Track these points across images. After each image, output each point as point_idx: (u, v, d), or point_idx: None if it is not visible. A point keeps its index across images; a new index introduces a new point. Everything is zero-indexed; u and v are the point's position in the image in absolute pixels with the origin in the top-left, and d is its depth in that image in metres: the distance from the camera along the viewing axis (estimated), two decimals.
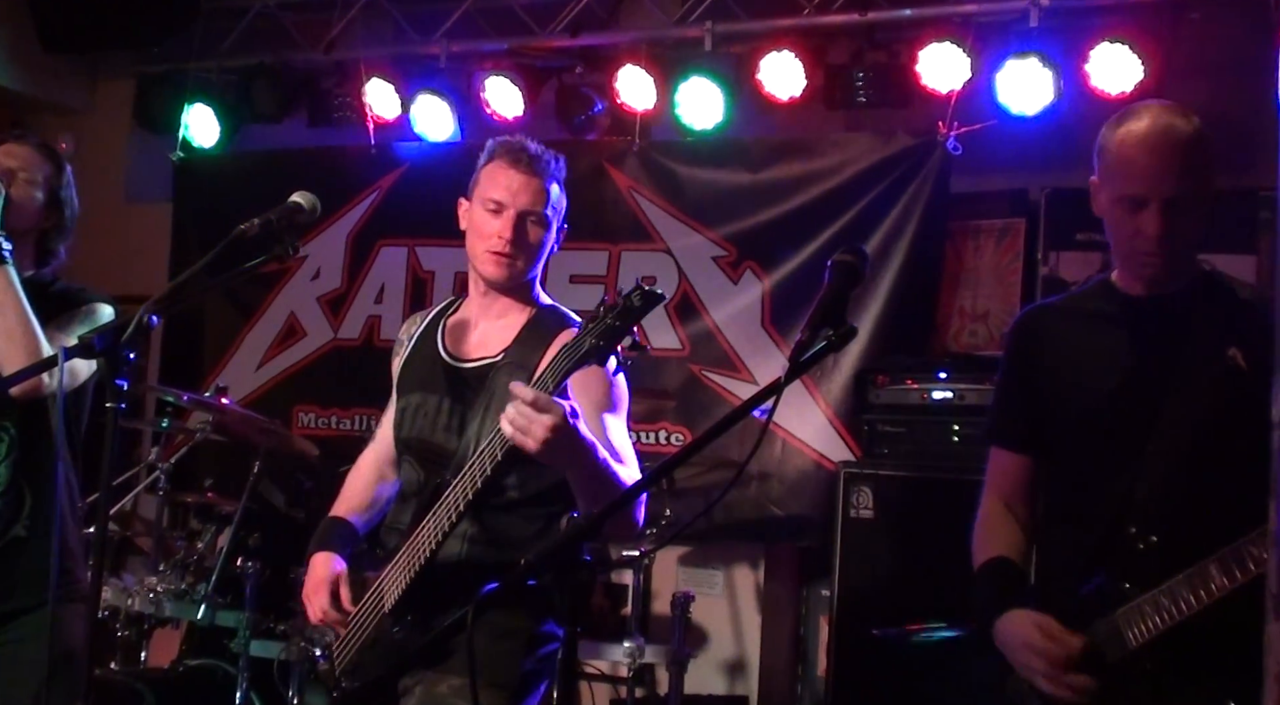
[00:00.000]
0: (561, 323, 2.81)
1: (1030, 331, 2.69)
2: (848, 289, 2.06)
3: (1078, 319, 2.62)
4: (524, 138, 2.86)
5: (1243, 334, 2.42)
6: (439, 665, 2.61)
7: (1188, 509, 2.38)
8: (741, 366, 5.59)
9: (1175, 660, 2.34)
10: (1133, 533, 2.41)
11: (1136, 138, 2.42)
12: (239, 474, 4.93)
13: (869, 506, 4.80)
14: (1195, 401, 2.41)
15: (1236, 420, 2.36)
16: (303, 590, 2.87)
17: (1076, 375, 2.56)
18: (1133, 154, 2.42)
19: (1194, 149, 2.41)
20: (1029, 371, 2.66)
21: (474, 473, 2.49)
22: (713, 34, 5.56)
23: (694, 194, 5.77)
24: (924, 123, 5.35)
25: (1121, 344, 2.52)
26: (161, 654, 5.08)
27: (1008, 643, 2.46)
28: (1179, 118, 2.43)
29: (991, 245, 5.50)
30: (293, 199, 2.62)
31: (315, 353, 6.37)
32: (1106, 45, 4.86)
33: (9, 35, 6.42)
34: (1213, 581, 2.25)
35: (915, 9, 5.30)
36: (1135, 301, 2.53)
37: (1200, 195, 2.42)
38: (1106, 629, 2.39)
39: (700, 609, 5.17)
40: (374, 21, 6.27)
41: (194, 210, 6.57)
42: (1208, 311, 2.47)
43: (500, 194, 2.76)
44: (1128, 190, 2.42)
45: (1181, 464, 2.40)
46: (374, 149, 6.22)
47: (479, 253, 2.79)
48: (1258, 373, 2.33)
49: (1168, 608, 2.31)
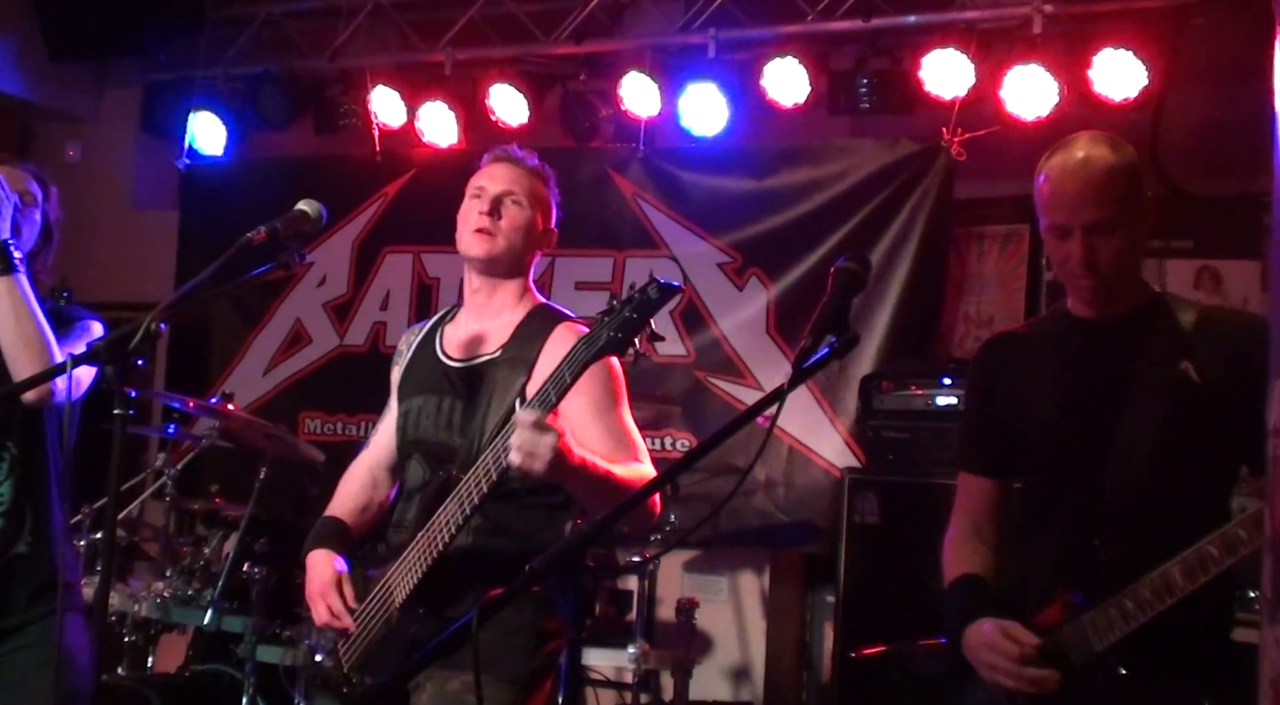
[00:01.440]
0: (556, 318, 2.86)
1: (990, 360, 2.79)
2: (850, 296, 2.09)
3: (1035, 344, 2.71)
4: (516, 147, 2.99)
5: (1194, 349, 2.49)
6: (450, 662, 2.63)
7: (1148, 518, 2.44)
8: (747, 373, 5.59)
9: (1146, 662, 2.39)
10: (1096, 544, 2.48)
11: (1058, 170, 2.54)
12: (245, 480, 4.94)
13: (874, 512, 4.80)
14: (1150, 414, 2.48)
15: (1191, 430, 2.46)
16: (306, 591, 2.89)
17: (1035, 397, 2.64)
18: (1055, 185, 2.53)
19: (1115, 177, 2.50)
20: (990, 397, 2.75)
21: (488, 466, 2.52)
22: (716, 41, 5.57)
23: (698, 200, 5.79)
24: (928, 129, 5.36)
25: (1077, 364, 2.61)
26: (168, 659, 5.09)
27: (972, 648, 2.53)
28: (1104, 147, 2.54)
29: (996, 251, 5.51)
30: (298, 207, 2.64)
31: (321, 359, 6.40)
32: (1110, 51, 4.86)
33: (16, 44, 6.45)
34: (1175, 584, 2.32)
35: (919, 15, 5.31)
36: (1086, 324, 2.62)
37: (1123, 221, 2.50)
38: (1074, 634, 2.45)
39: (705, 615, 5.17)
40: (379, 29, 6.29)
41: (200, 217, 6.59)
42: (1158, 331, 2.54)
43: (482, 180, 2.91)
44: (1053, 219, 2.54)
45: (1140, 475, 2.47)
46: (379, 156, 6.24)
47: (464, 237, 2.89)
48: (1209, 385, 2.45)
49: (1133, 611, 2.37)
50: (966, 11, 5.24)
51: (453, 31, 6.02)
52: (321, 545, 2.91)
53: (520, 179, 2.90)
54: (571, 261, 5.90)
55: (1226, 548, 2.28)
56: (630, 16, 6.05)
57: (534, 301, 2.92)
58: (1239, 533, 2.27)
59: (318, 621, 2.85)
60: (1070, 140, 2.60)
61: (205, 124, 6.47)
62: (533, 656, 2.74)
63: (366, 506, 3.05)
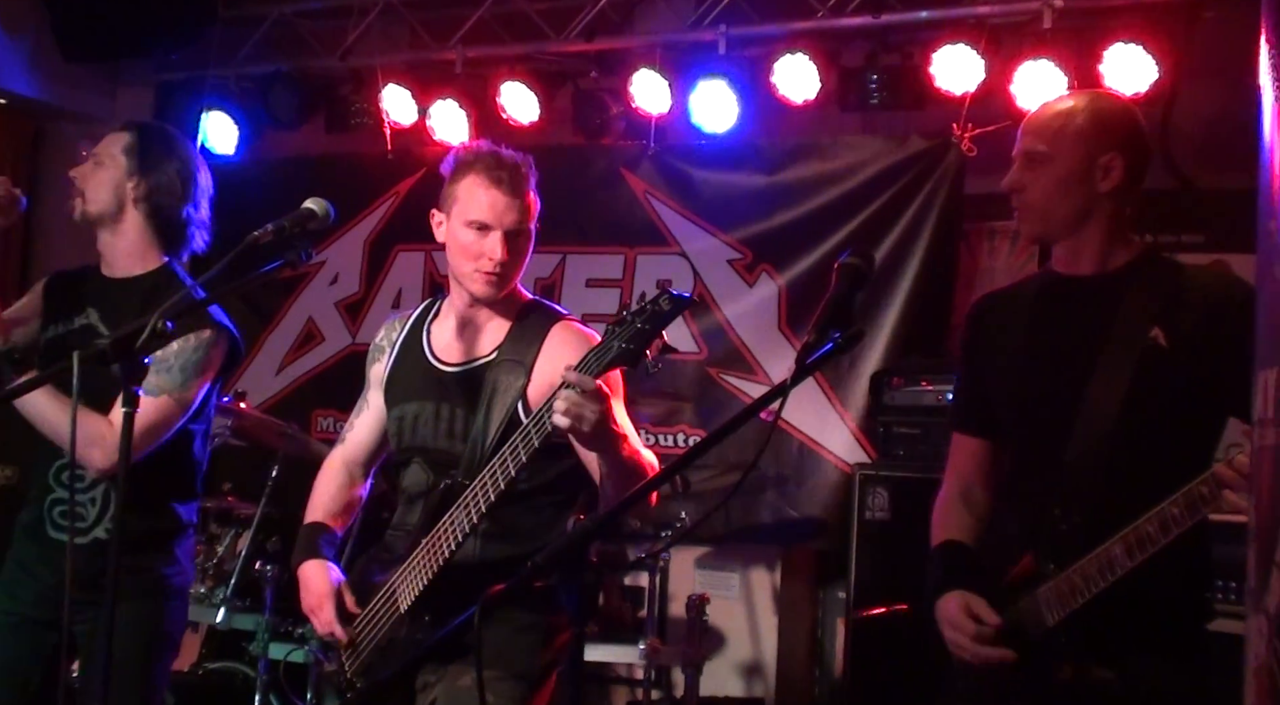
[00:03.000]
0: (552, 316, 2.83)
1: (979, 320, 2.82)
2: (855, 291, 2.11)
3: (1019, 304, 2.72)
4: (492, 147, 2.83)
5: (1168, 312, 2.49)
6: (460, 659, 2.65)
7: (1108, 488, 2.45)
8: (758, 368, 5.59)
9: (1093, 638, 2.43)
10: (1057, 513, 2.49)
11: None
12: (258, 478, 4.97)
13: (884, 508, 4.80)
14: (1116, 382, 2.48)
15: (1155, 399, 2.47)
16: (303, 603, 2.88)
17: (1014, 360, 2.66)
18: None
19: (1062, 117, 2.59)
20: (978, 358, 2.78)
21: (496, 473, 2.51)
22: (727, 37, 5.57)
23: (709, 197, 5.78)
24: (938, 125, 5.36)
25: (1049, 325, 2.63)
26: (181, 657, 5.09)
27: (941, 621, 2.59)
28: (1080, 96, 2.67)
29: (1007, 246, 5.50)
30: (305, 205, 2.64)
31: (333, 358, 6.41)
32: (1120, 46, 4.84)
33: (30, 45, 6.47)
34: (1116, 561, 2.34)
35: (929, 11, 5.29)
36: (1064, 281, 2.63)
37: (1055, 158, 2.56)
38: (1029, 607, 2.48)
39: (717, 611, 5.18)
40: (390, 28, 6.30)
41: (212, 216, 6.59)
42: (1138, 290, 2.53)
43: (484, 215, 2.74)
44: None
45: (1103, 444, 2.47)
46: (391, 155, 6.25)
47: (467, 272, 2.77)
48: (1178, 351, 2.45)
49: (1080, 587, 2.40)
50: (977, 7, 5.22)
51: (464, 30, 6.02)
52: (312, 555, 2.89)
53: (524, 209, 2.76)
54: (582, 259, 5.91)
55: (1162, 526, 2.29)
56: (641, 13, 6.05)
57: (522, 298, 2.88)
58: (1173, 511, 2.27)
59: (319, 632, 2.86)
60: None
61: (217, 123, 6.49)
62: (542, 652, 2.75)
63: (347, 505, 3.03)
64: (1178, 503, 2.27)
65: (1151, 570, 2.32)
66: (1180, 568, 2.40)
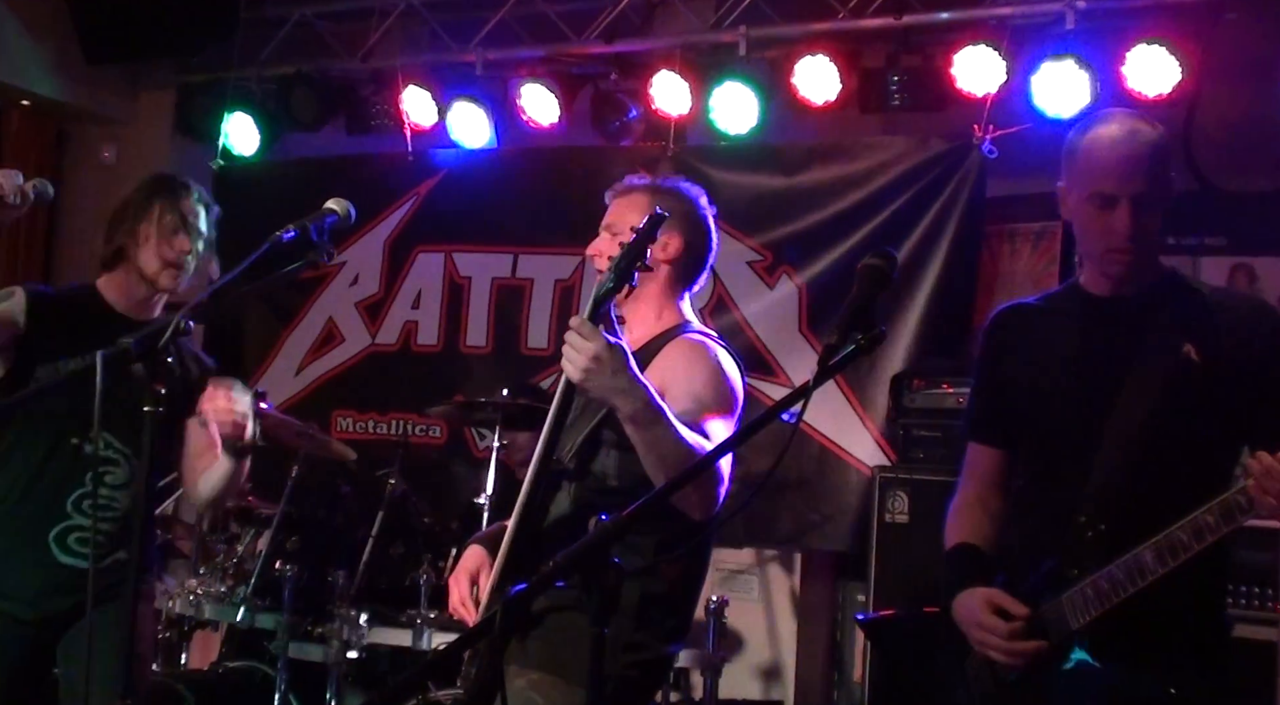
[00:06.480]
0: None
1: (1001, 330, 2.78)
2: (876, 292, 2.10)
3: (1045, 318, 2.71)
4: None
5: (1199, 330, 2.50)
6: (519, 659, 2.65)
7: (1135, 498, 2.45)
8: (779, 371, 5.57)
9: (1120, 642, 2.42)
10: (1082, 521, 2.48)
11: (1106, 139, 2.52)
12: (278, 478, 4.98)
13: (904, 511, 4.78)
14: (1148, 395, 2.49)
15: (1186, 413, 2.48)
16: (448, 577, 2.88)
17: (1039, 372, 2.65)
18: (1104, 154, 2.52)
19: (1158, 152, 2.53)
20: (998, 369, 2.75)
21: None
22: (747, 39, 5.57)
23: (729, 199, 5.73)
24: (959, 126, 5.34)
25: (1082, 342, 2.62)
26: (201, 656, 5.14)
27: (963, 620, 2.56)
28: (1144, 124, 2.55)
29: (1028, 249, 5.48)
30: (327, 205, 2.66)
31: (353, 358, 6.43)
32: (1144, 47, 4.82)
33: (52, 47, 6.51)
34: (1147, 567, 2.34)
35: (950, 12, 5.29)
36: (1098, 301, 2.62)
37: (1162, 197, 2.52)
38: (1053, 612, 2.48)
39: (736, 614, 5.17)
40: (411, 30, 6.32)
41: (234, 217, 6.55)
42: (1167, 310, 2.54)
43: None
44: (1099, 187, 2.50)
45: (1132, 455, 2.47)
46: (411, 156, 6.27)
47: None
48: (1210, 367, 2.46)
49: (1107, 592, 2.39)
50: (998, 8, 5.21)
51: (484, 31, 6.04)
52: (480, 543, 2.86)
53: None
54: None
55: (1195, 534, 2.29)
56: (661, 15, 6.05)
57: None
58: (1207, 519, 2.28)
59: (449, 607, 2.84)
60: (1107, 113, 2.61)
61: (239, 125, 6.53)
62: (609, 665, 2.70)
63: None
64: (1213, 511, 2.28)
65: (1174, 575, 2.32)
66: (1202, 572, 2.40)
